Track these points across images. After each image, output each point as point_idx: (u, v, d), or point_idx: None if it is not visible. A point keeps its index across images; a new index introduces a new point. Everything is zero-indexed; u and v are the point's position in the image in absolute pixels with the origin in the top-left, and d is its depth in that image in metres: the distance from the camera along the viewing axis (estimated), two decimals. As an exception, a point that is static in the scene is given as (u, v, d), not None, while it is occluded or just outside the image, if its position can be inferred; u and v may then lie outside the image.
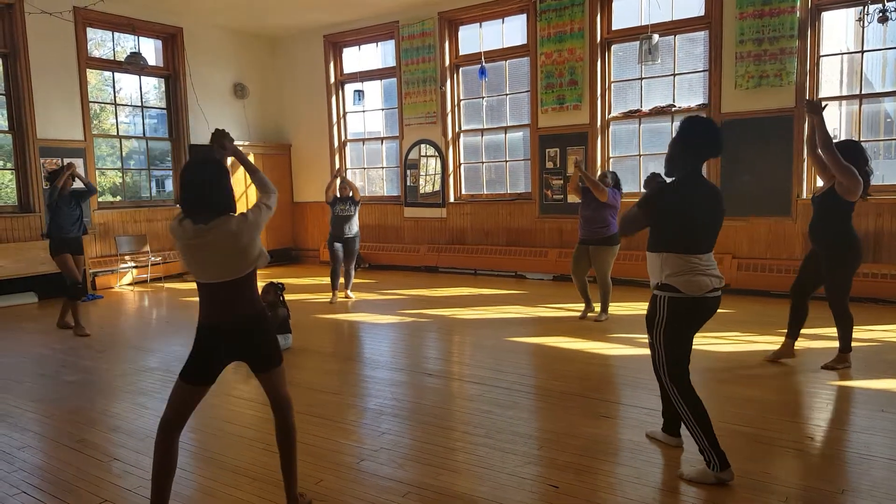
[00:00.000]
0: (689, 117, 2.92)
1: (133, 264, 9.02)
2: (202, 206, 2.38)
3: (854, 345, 4.85)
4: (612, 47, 8.05)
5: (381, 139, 10.42)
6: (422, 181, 9.67)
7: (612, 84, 8.11)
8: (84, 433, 3.56)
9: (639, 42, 7.36)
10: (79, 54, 8.44)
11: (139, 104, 9.67)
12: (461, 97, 9.41)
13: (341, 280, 7.51)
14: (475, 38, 9.16)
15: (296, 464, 2.60)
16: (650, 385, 3.99)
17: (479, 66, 8.75)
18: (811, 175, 6.90)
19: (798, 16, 6.66)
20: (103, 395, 4.32)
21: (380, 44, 10.20)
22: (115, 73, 9.28)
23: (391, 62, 9.95)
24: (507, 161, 9.12)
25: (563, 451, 3.18)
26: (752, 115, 7.01)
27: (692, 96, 7.58)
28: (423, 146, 9.62)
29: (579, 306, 6.58)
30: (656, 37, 7.25)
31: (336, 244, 7.34)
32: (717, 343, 5.10)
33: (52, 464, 3.19)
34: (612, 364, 4.76)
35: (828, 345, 4.74)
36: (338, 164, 10.58)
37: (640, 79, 7.89)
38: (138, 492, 2.81)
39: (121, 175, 9.64)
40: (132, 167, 9.87)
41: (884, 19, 5.70)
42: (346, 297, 7.51)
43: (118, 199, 9.51)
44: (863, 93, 6.83)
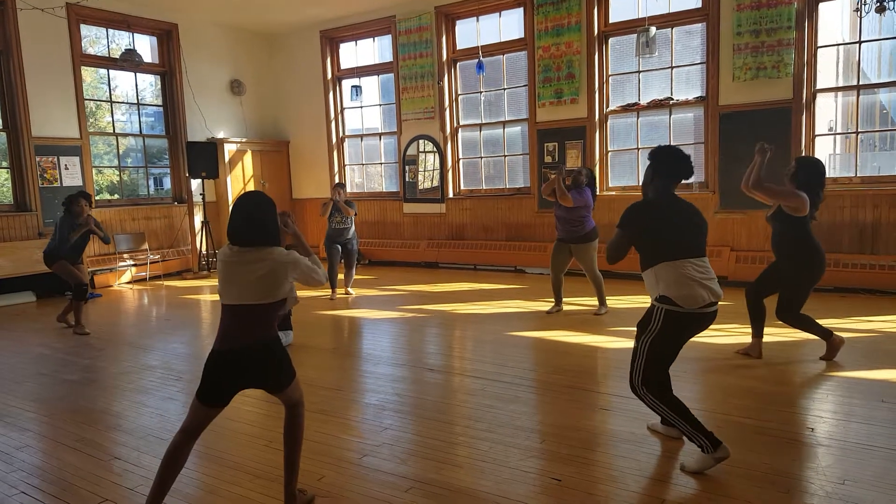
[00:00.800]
0: (657, 147, 3.10)
1: (132, 262, 9.00)
2: (250, 236, 2.48)
3: (853, 336, 4.89)
4: (610, 40, 8.03)
5: (380, 135, 10.39)
6: (420, 177, 9.66)
7: (610, 77, 8.09)
8: (84, 432, 3.55)
9: (636, 35, 7.34)
10: (73, 51, 8.39)
11: (135, 101, 9.63)
12: (459, 92, 9.39)
13: (341, 277, 7.51)
14: (472, 32, 9.13)
15: (298, 460, 2.61)
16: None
17: (477, 60, 8.73)
18: (809, 167, 6.89)
19: (795, 7, 6.64)
20: (103, 393, 4.31)
21: (377, 39, 10.16)
22: (111, 71, 9.24)
23: (388, 57, 9.91)
24: (505, 156, 9.10)
25: (565, 445, 3.18)
26: (750, 107, 7.00)
27: (690, 89, 7.57)
28: (421, 142, 9.60)
29: (578, 300, 6.60)
30: (653, 29, 7.23)
31: (334, 246, 7.38)
32: (716, 335, 5.11)
33: (52, 463, 3.19)
34: (612, 357, 4.76)
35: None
36: (336, 160, 10.57)
37: (638, 72, 7.87)
38: (139, 490, 2.80)
39: (118, 173, 9.61)
40: (129, 165, 9.83)
41: (881, 9, 5.68)
42: (347, 293, 7.51)
43: (116, 197, 9.48)
44: (860, 84, 6.82)
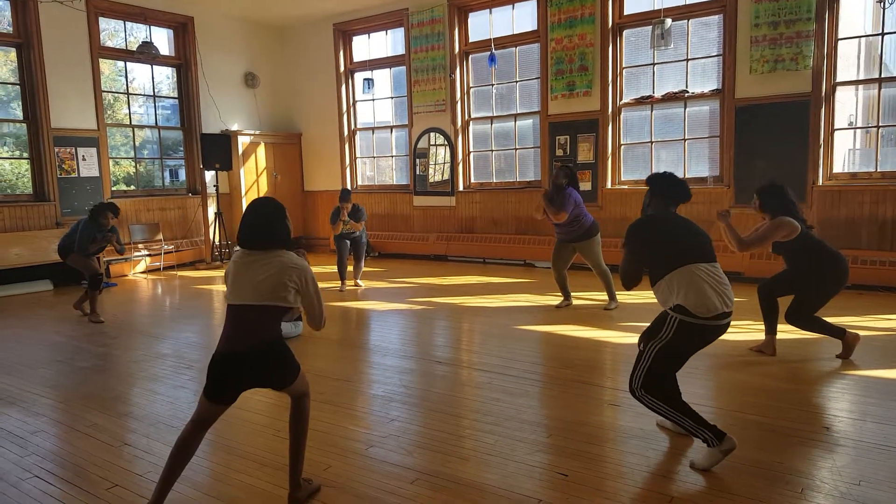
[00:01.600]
0: (654, 174, 3.19)
1: (146, 252, 9.08)
2: (259, 241, 2.51)
3: (870, 334, 4.82)
4: (624, 32, 7.94)
5: (391, 128, 10.38)
6: (431, 170, 9.64)
7: (624, 70, 8.01)
8: (96, 418, 3.59)
9: (651, 27, 7.26)
10: (91, 44, 8.47)
11: (151, 94, 9.70)
12: (471, 85, 9.35)
13: (350, 269, 7.53)
14: (485, 24, 9.08)
15: (303, 450, 2.62)
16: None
17: (489, 53, 8.68)
18: (827, 161, 6.80)
19: (815, -2, 6.53)
20: (116, 380, 4.36)
21: (389, 32, 10.14)
22: (128, 63, 9.30)
23: (400, 50, 9.89)
24: (516, 149, 9.06)
25: (572, 440, 3.16)
26: (767, 100, 6.89)
27: (706, 82, 7.47)
28: (432, 135, 9.58)
29: (588, 294, 6.57)
30: (669, 21, 7.14)
31: (344, 241, 7.43)
32: (730, 332, 5.01)
33: (65, 448, 3.23)
34: (621, 352, 4.73)
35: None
36: (347, 153, 10.59)
37: (653, 64, 7.78)
38: (148, 477, 2.83)
39: (134, 164, 9.68)
40: (146, 157, 9.91)
41: (904, 1, 5.57)
42: (356, 285, 7.53)
43: (132, 188, 9.56)
44: (882, 77, 6.68)
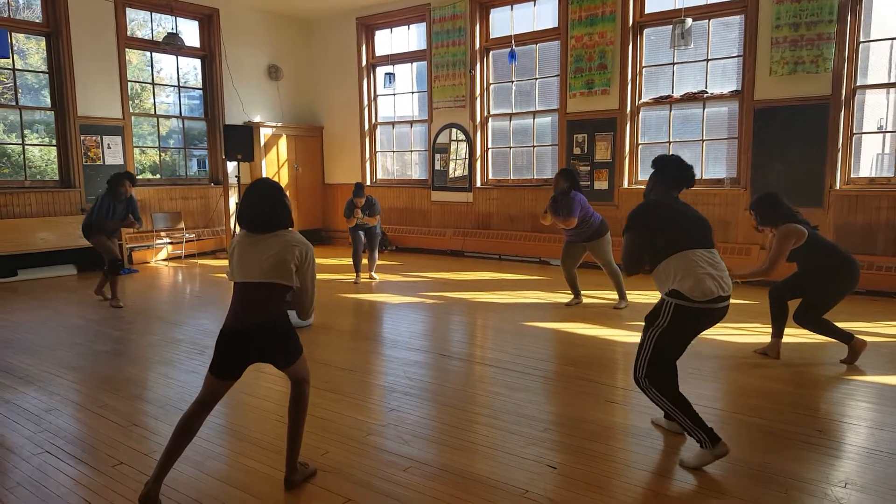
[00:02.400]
0: (660, 156, 3.17)
1: (168, 240, 9.30)
2: (261, 224, 2.58)
3: (879, 340, 4.78)
4: (645, 31, 7.90)
5: (411, 122, 10.46)
6: (451, 165, 9.70)
7: (644, 69, 7.97)
8: (108, 399, 3.73)
9: (672, 26, 7.22)
10: (118, 34, 8.67)
11: (176, 84, 9.90)
12: (490, 81, 9.38)
13: (365, 262, 7.63)
14: (506, 20, 9.10)
15: (301, 434, 2.71)
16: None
17: (510, 49, 8.70)
18: (845, 165, 6.70)
19: (838, 0, 6.43)
20: (130, 363, 4.51)
21: (411, 27, 10.21)
22: (155, 54, 9.51)
23: (422, 45, 9.95)
24: (534, 146, 9.07)
25: (568, 435, 3.21)
26: (787, 102, 6.82)
27: (725, 82, 7.41)
28: (452, 130, 9.63)
29: (599, 293, 6.58)
30: (690, 21, 7.09)
31: (358, 231, 7.50)
32: (735, 333, 5.05)
33: (76, 426, 3.37)
34: (627, 351, 4.75)
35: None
36: (368, 146, 10.69)
37: (672, 64, 7.73)
38: (153, 456, 2.95)
39: (158, 153, 9.90)
40: (171, 146, 10.12)
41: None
42: (371, 278, 7.63)
43: (157, 177, 9.78)
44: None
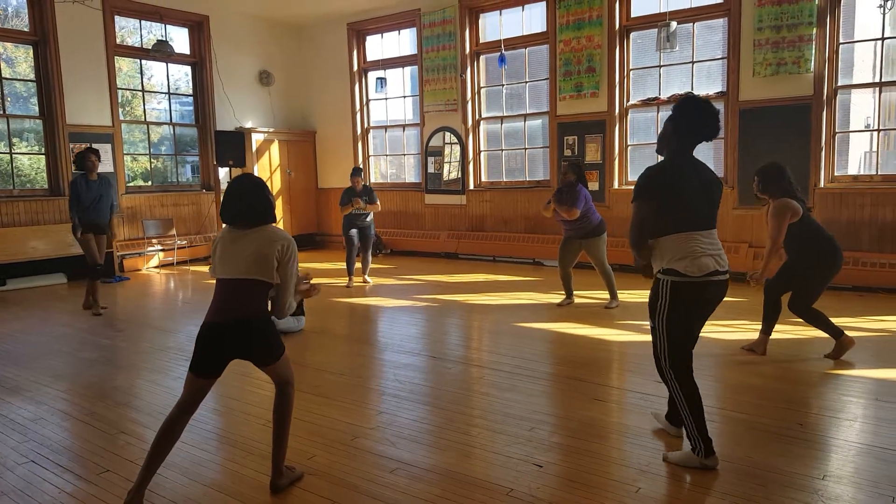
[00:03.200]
0: (686, 97, 2.85)
1: (160, 247, 9.30)
2: (244, 219, 2.61)
3: (864, 335, 4.83)
4: (631, 34, 7.98)
5: (403, 126, 10.49)
6: (446, 168, 9.74)
7: (631, 71, 8.04)
8: (95, 407, 3.74)
9: (657, 29, 7.28)
10: (107, 42, 8.69)
11: (166, 91, 9.91)
12: (481, 85, 9.43)
13: (358, 265, 7.65)
14: (496, 25, 9.15)
15: (286, 438, 2.72)
16: (649, 370, 4.03)
17: (499, 53, 8.75)
18: (829, 164, 6.79)
19: (817, 3, 6.51)
20: (118, 371, 4.51)
21: (402, 32, 10.25)
22: (145, 61, 9.52)
23: (413, 50, 10.00)
24: (525, 149, 9.12)
25: (554, 433, 3.24)
26: (770, 103, 6.90)
27: (710, 84, 7.48)
28: (445, 133, 9.67)
29: (590, 292, 6.62)
30: (675, 24, 7.16)
31: (351, 230, 7.48)
32: (724, 331, 5.10)
33: (63, 435, 3.37)
34: (616, 350, 4.79)
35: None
36: (360, 150, 10.73)
37: (659, 66, 7.80)
38: (139, 463, 2.92)
39: (150, 160, 9.90)
40: (162, 153, 10.12)
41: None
42: (365, 281, 7.64)
43: (149, 183, 9.78)
44: (882, 81, 6.60)
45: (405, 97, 10.55)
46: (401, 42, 10.32)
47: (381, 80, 10.17)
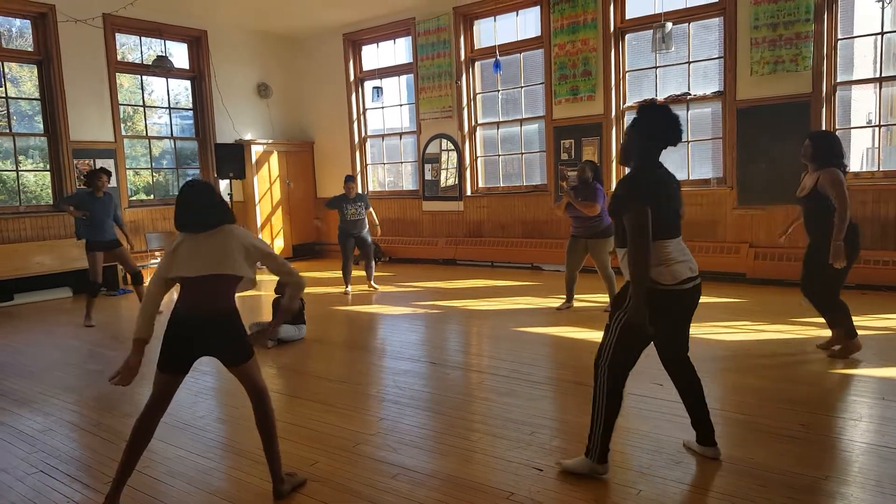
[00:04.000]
0: (650, 104, 2.84)
1: (155, 261, 9.33)
2: (199, 223, 2.63)
3: (868, 333, 4.81)
4: (626, 36, 8.01)
5: (400, 134, 10.55)
6: (443, 175, 9.78)
7: (627, 73, 8.07)
8: (102, 418, 3.78)
9: (652, 30, 7.32)
10: (108, 59, 8.77)
11: (166, 106, 9.99)
12: (477, 91, 9.47)
13: (355, 274, 7.64)
14: (490, 31, 9.21)
15: (276, 446, 2.73)
16: (649, 372, 4.03)
17: (494, 59, 8.80)
18: (829, 161, 6.77)
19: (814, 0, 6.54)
20: (124, 383, 4.54)
21: (397, 41, 10.32)
22: (146, 77, 9.61)
23: (409, 58, 10.06)
24: (522, 153, 9.16)
25: (555, 437, 3.26)
26: (768, 101, 6.91)
27: (707, 84, 7.50)
28: (441, 140, 9.72)
29: (590, 296, 6.62)
30: (670, 25, 7.20)
31: (349, 240, 7.47)
32: (725, 332, 5.10)
33: (71, 446, 3.41)
34: (616, 353, 4.79)
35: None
36: (359, 160, 10.78)
37: (655, 67, 7.83)
38: (145, 472, 2.99)
39: (151, 174, 9.97)
40: (164, 167, 10.19)
41: None
42: (371, 288, 7.62)
43: (151, 197, 9.84)
44: (882, 76, 6.63)
45: (401, 105, 10.61)
46: (396, 51, 10.39)
47: (378, 90, 10.23)
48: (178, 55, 9.82)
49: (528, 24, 8.85)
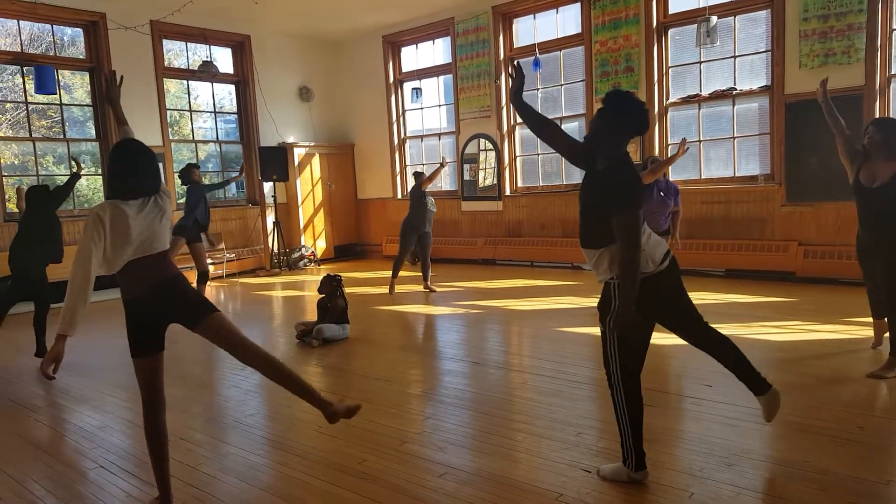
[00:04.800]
0: (615, 92, 2.69)
1: (210, 261, 9.56)
2: (136, 185, 2.54)
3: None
4: (669, 31, 7.88)
5: (439, 135, 10.58)
6: (481, 175, 9.78)
7: (670, 69, 7.93)
8: (156, 415, 3.89)
9: (697, 25, 7.17)
10: (156, 64, 9.04)
11: (212, 110, 10.24)
12: (517, 90, 9.42)
13: (419, 273, 7.63)
14: (529, 29, 9.16)
15: (301, 382, 2.59)
16: (696, 374, 3.97)
17: (534, 57, 8.75)
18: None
19: (867, -11, 6.33)
20: (175, 381, 4.62)
21: (436, 41, 10.36)
22: (191, 82, 9.86)
23: (447, 59, 10.09)
24: (563, 152, 9.07)
25: (602, 439, 3.22)
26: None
27: (754, 78, 7.32)
28: (480, 140, 9.72)
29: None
30: (714, 18, 7.04)
31: (412, 234, 7.27)
32: (775, 332, 4.97)
33: (127, 442, 3.53)
34: (663, 354, 4.70)
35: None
36: (398, 161, 10.85)
37: (699, 62, 7.68)
38: (199, 468, 3.08)
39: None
40: (210, 170, 10.44)
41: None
42: (429, 289, 7.43)
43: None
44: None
45: (440, 106, 10.64)
46: (435, 52, 10.43)
47: (417, 91, 10.28)
48: (223, 60, 10.05)
49: (567, 22, 8.78)
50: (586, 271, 8.48)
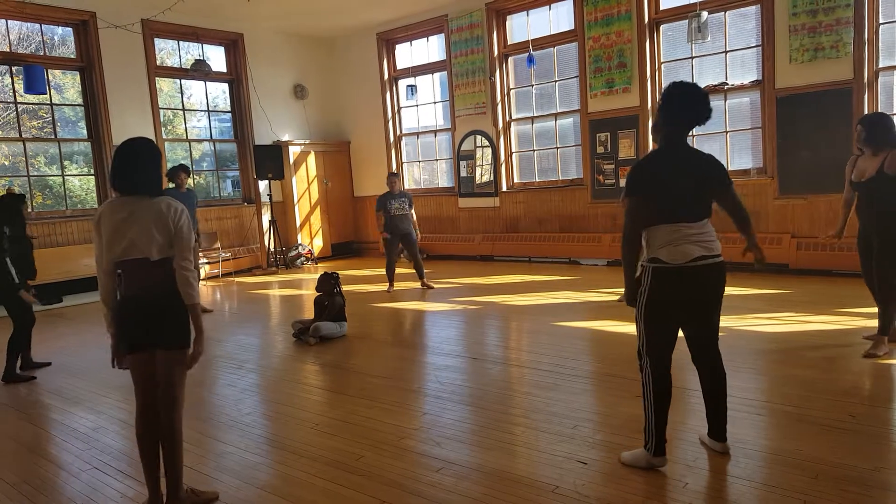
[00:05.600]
0: (672, 83, 2.73)
1: (205, 260, 9.57)
2: (134, 183, 2.62)
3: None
4: (661, 27, 7.91)
5: (435, 132, 10.59)
6: (478, 171, 9.79)
7: (662, 64, 7.96)
8: (154, 414, 3.89)
9: (688, 20, 7.20)
10: (148, 64, 9.01)
11: (207, 109, 10.22)
12: (511, 86, 9.45)
13: (411, 271, 7.65)
14: (523, 26, 9.18)
15: (176, 471, 2.65)
16: (692, 367, 3.99)
17: (528, 54, 8.77)
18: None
19: (855, -16, 6.37)
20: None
21: (430, 38, 10.36)
22: (184, 81, 9.84)
23: (441, 56, 10.09)
24: (557, 148, 9.11)
25: (598, 431, 3.25)
26: (809, 89, 6.75)
27: (745, 73, 7.36)
28: (476, 137, 9.73)
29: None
30: (705, 14, 7.07)
31: (393, 237, 7.35)
32: (769, 324, 5.01)
33: (122, 443, 3.52)
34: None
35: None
36: (394, 158, 10.85)
37: (691, 58, 7.71)
38: (194, 467, 3.09)
39: (192, 177, 10.18)
40: (204, 169, 10.43)
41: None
42: (426, 287, 7.49)
43: (190, 199, 10.07)
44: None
45: (436, 103, 10.65)
46: (429, 49, 10.43)
47: (412, 88, 10.29)
48: (216, 59, 10.03)
49: (560, 18, 8.80)
50: (584, 266, 8.52)
